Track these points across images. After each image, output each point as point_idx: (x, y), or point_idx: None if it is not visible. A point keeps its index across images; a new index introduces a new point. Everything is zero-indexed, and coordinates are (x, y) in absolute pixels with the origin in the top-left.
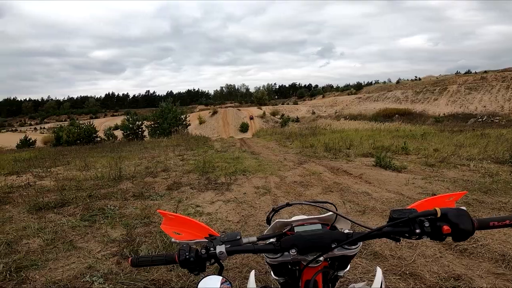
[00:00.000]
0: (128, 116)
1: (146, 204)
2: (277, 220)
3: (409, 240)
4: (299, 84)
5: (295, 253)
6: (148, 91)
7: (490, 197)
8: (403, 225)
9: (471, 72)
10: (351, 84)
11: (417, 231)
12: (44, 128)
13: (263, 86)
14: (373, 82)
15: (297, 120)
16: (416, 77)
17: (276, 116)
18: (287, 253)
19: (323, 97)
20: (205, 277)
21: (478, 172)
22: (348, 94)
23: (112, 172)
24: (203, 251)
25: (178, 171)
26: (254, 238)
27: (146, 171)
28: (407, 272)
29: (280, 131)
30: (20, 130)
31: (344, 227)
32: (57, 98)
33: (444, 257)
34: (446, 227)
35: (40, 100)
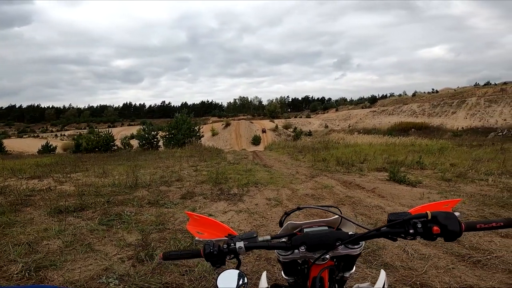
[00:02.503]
0: (144, 126)
1: (160, 212)
2: (288, 222)
3: (421, 252)
4: (312, 97)
5: (304, 250)
6: (164, 101)
7: (507, 211)
8: (399, 226)
9: (490, 84)
10: (365, 97)
11: (411, 231)
12: (64, 135)
13: (276, 99)
14: (388, 95)
15: (309, 134)
16: (433, 89)
17: (289, 130)
18: (297, 251)
19: (336, 110)
20: (224, 270)
21: (496, 187)
22: (362, 108)
23: (129, 180)
24: (225, 246)
25: (192, 181)
26: (268, 237)
27: (161, 180)
28: (418, 282)
29: (292, 145)
30: (42, 136)
31: (349, 230)
32: (78, 106)
33: (456, 268)
34: (436, 228)
35: (62, 108)
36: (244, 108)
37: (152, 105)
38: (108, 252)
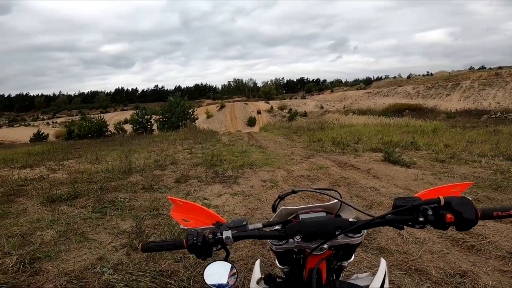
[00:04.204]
0: (137, 111)
1: (155, 197)
2: (282, 208)
3: (416, 236)
4: (307, 78)
5: (300, 240)
6: (157, 85)
7: (500, 194)
8: (406, 213)
9: (485, 68)
10: (360, 79)
11: (420, 219)
12: (56, 122)
13: (271, 81)
14: (383, 77)
15: (304, 114)
16: (428, 72)
17: (284, 111)
18: (291, 240)
19: (332, 92)
20: (211, 262)
21: (490, 169)
22: (357, 89)
23: (122, 165)
24: (210, 236)
25: (186, 164)
26: (259, 225)
27: (155, 164)
28: (413, 267)
29: (287, 126)
30: (33, 125)
31: (349, 216)
32: (69, 93)
33: (451, 253)
34: (449, 216)
35: (52, 95)
36: (239, 90)
37: (144, 90)
38: (102, 240)
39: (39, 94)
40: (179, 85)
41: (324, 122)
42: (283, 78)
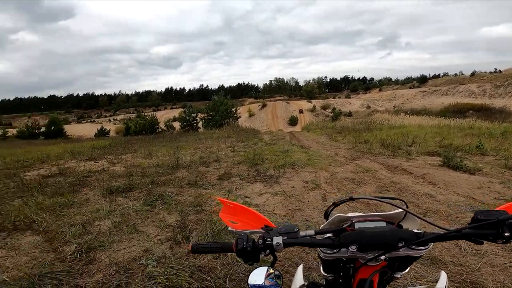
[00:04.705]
0: (185, 109)
1: (199, 193)
2: (336, 215)
3: (476, 248)
4: (352, 77)
5: (355, 250)
6: (202, 85)
7: None
8: (489, 227)
9: None
10: (413, 76)
11: (506, 234)
12: (116, 119)
13: (313, 79)
14: (441, 74)
15: (349, 114)
16: (496, 69)
17: (327, 110)
18: (344, 249)
19: (380, 90)
20: (258, 267)
21: None
22: (410, 88)
23: (171, 161)
24: (260, 241)
25: (229, 161)
26: (311, 232)
27: (200, 160)
28: (468, 280)
29: (331, 126)
30: (97, 121)
31: (412, 227)
32: (126, 93)
33: None
34: None
35: (113, 95)
36: (280, 89)
37: (191, 89)
38: (150, 233)
39: (103, 94)
40: (222, 84)
41: (371, 122)
42: (325, 77)
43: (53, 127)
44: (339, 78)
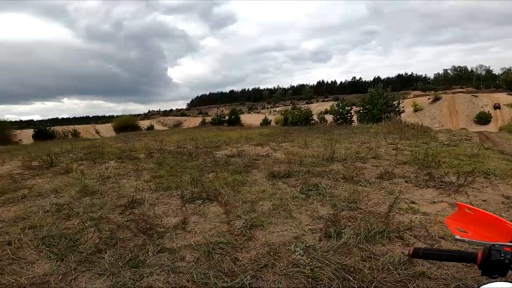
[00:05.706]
0: (338, 102)
1: (354, 189)
2: None
3: None
4: None
5: None
6: (354, 77)
7: None
8: None
9: None
10: None
11: None
12: (275, 110)
13: None
14: None
15: None
16: None
17: None
18: None
19: None
20: (494, 281)
21: None
22: None
23: (326, 153)
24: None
25: (391, 160)
26: None
27: (356, 155)
28: None
29: None
30: (261, 112)
31: None
32: (283, 87)
33: None
34: None
35: (273, 89)
36: (462, 79)
37: (342, 82)
38: (302, 221)
39: (265, 88)
40: (378, 76)
41: None
42: None
43: (233, 116)
44: None
